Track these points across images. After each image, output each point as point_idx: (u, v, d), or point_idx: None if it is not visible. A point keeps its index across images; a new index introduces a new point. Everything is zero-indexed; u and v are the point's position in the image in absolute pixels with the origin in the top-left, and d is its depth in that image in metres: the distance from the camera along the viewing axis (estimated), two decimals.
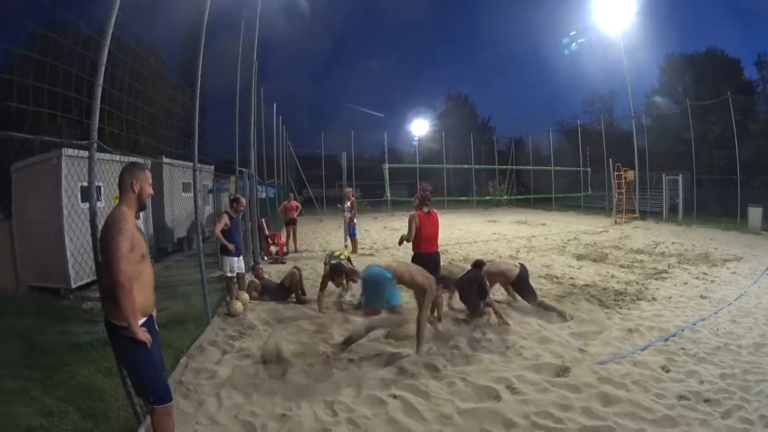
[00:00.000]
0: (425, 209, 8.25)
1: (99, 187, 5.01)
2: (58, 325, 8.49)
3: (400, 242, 8.45)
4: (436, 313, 8.15)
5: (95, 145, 4.86)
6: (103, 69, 4.86)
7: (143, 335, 3.76)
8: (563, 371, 6.03)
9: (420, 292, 7.04)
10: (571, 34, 37.28)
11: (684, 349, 6.67)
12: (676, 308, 8.74)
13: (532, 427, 4.74)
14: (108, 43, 4.87)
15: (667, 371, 5.95)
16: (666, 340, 7.11)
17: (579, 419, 4.84)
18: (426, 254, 8.15)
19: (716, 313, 8.37)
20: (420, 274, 7.07)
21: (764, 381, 5.55)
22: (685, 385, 5.55)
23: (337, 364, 6.45)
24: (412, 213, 8.25)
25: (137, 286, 3.77)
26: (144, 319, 3.92)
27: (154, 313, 4.24)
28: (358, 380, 5.93)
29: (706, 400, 5.14)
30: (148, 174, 4.12)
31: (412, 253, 8.29)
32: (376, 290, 6.79)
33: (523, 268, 8.77)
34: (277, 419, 5.03)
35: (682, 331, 7.45)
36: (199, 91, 8.78)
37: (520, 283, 8.68)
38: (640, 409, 4.99)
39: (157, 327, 4.24)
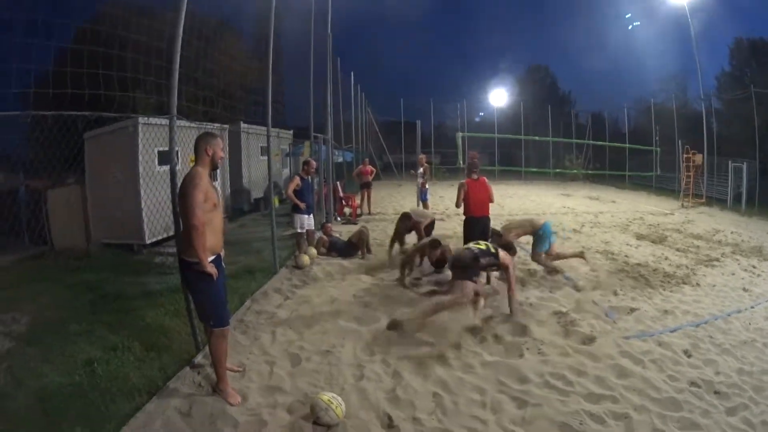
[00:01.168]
0: (474, 176, 8.92)
1: (177, 151, 5.91)
2: (130, 277, 9.43)
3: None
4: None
5: (174, 118, 5.80)
6: (178, 56, 5.73)
7: (211, 269, 4.62)
8: (589, 340, 6.37)
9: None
10: (627, 16, 36.31)
11: (711, 337, 6.69)
12: (716, 297, 8.65)
13: (543, 384, 5.19)
14: (181, 33, 5.72)
15: (689, 356, 6.04)
16: (697, 326, 7.11)
17: (588, 385, 5.20)
18: (475, 218, 8.90)
19: (753, 307, 8.21)
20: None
21: None
22: (701, 372, 5.62)
23: (387, 310, 7.23)
24: (461, 181, 8.92)
25: (208, 230, 4.62)
26: (212, 257, 4.77)
27: (222, 253, 5.09)
28: (402, 328, 6.57)
29: (716, 392, 5.19)
30: (220, 141, 4.96)
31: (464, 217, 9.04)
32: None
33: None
34: (321, 354, 5.85)
35: (715, 320, 7.42)
36: (271, 63, 9.39)
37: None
38: (648, 387, 5.19)
39: (223, 264, 5.11)
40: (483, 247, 7.35)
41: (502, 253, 7.37)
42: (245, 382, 5.16)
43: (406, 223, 10.44)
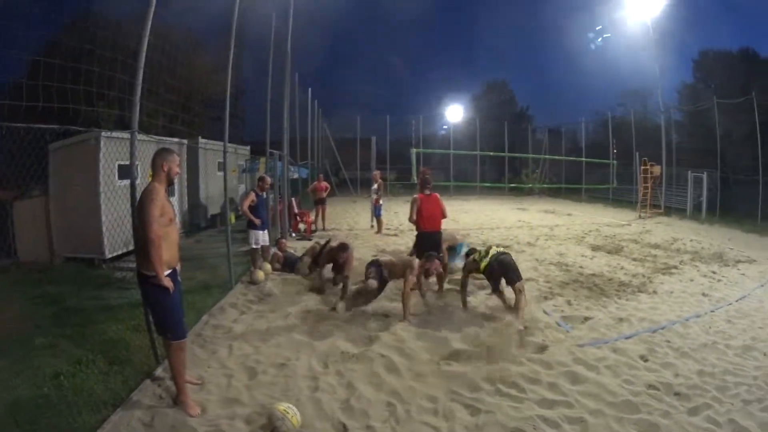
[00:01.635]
0: (426, 192, 9.08)
1: (137, 165, 6.04)
2: (92, 291, 9.38)
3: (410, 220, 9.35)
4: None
5: (136, 134, 5.88)
6: (141, 71, 5.80)
7: (167, 282, 4.73)
8: (542, 349, 6.46)
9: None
10: (597, 28, 36.74)
11: (669, 342, 6.76)
12: (674, 303, 8.75)
13: (495, 392, 5.28)
14: (145, 49, 5.74)
15: (645, 360, 6.12)
16: (654, 331, 7.18)
17: (542, 392, 5.30)
18: (428, 233, 9.01)
19: (713, 311, 8.32)
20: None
21: (743, 384, 5.52)
22: (658, 375, 5.69)
23: (340, 325, 7.32)
24: (414, 196, 9.11)
25: (165, 244, 4.74)
26: (169, 271, 4.87)
27: (178, 267, 5.19)
28: (354, 340, 6.77)
29: (675, 393, 5.24)
30: (176, 157, 5.08)
31: (416, 232, 9.17)
32: None
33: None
34: (276, 367, 5.92)
35: (673, 325, 7.49)
36: (230, 78, 9.45)
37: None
38: (603, 391, 5.27)
39: (179, 278, 5.20)
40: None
41: None
42: (204, 395, 5.22)
43: (341, 255, 9.05)
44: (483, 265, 8.08)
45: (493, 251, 8.18)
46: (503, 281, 7.96)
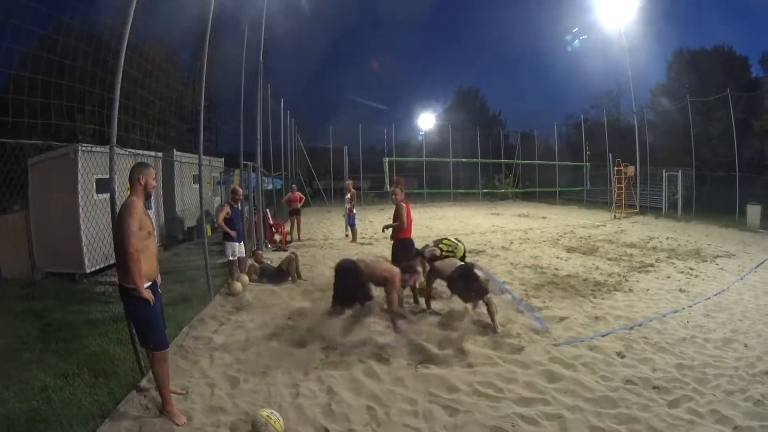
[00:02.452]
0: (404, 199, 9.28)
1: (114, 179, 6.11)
2: (74, 306, 9.38)
3: (385, 228, 9.63)
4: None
5: (114, 148, 5.93)
6: (119, 86, 5.86)
7: (147, 294, 4.80)
8: (518, 350, 6.56)
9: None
10: (574, 30, 37.00)
11: (646, 338, 6.88)
12: (650, 300, 8.91)
13: (473, 393, 5.41)
14: (122, 63, 5.78)
15: (622, 357, 6.24)
16: (630, 328, 7.31)
17: (519, 391, 5.43)
18: (410, 239, 9.28)
19: (690, 306, 8.47)
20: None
21: (724, 376, 5.61)
22: (636, 370, 5.80)
23: (317, 333, 7.32)
24: (401, 204, 9.17)
25: (144, 257, 4.82)
26: (149, 283, 4.94)
27: (158, 279, 5.26)
28: (333, 348, 6.80)
29: (654, 387, 5.35)
30: (152, 170, 5.17)
31: (396, 240, 9.32)
32: None
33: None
34: (258, 375, 5.99)
35: (650, 321, 7.63)
36: (204, 91, 9.50)
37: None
38: (580, 388, 5.40)
39: (159, 290, 5.26)
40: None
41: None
42: (189, 404, 5.30)
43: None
44: (461, 251, 8.98)
45: (451, 241, 9.29)
46: None
